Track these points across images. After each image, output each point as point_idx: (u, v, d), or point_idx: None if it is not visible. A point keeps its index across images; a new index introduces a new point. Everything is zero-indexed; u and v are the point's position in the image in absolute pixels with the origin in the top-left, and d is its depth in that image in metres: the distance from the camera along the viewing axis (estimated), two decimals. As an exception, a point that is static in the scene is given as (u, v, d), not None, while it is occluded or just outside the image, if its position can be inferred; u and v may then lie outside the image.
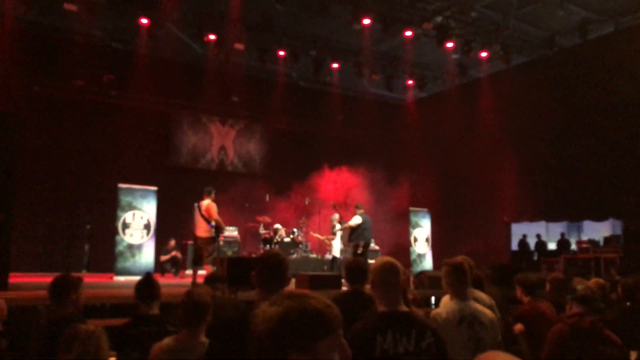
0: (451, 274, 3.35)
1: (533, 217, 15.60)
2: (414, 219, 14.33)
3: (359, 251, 10.43)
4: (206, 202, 8.89)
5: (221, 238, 12.78)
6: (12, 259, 8.10)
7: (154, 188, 11.27)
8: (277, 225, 13.56)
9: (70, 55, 12.91)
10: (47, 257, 13.03)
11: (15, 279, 8.55)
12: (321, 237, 12.94)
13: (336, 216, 12.13)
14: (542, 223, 17.11)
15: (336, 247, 11.80)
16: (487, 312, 3.38)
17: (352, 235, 10.71)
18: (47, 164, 13.55)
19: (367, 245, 10.77)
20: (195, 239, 8.89)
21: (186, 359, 2.81)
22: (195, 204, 8.99)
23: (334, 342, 1.24)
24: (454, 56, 14.98)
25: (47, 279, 4.03)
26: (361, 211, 10.85)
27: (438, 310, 3.30)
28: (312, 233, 13.54)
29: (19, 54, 12.36)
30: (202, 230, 8.79)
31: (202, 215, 8.78)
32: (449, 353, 2.65)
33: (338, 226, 11.76)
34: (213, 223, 8.74)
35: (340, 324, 1.27)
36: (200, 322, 2.92)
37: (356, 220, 10.65)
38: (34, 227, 13.15)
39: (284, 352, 1.20)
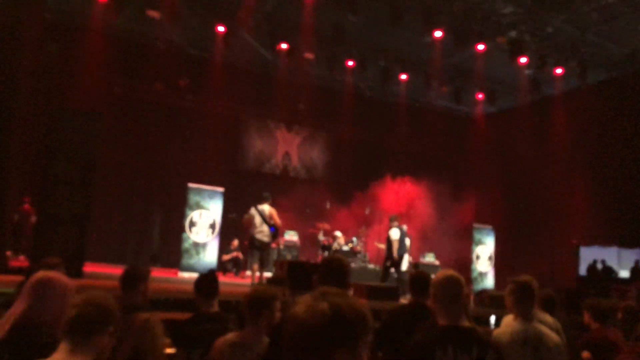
0: (517, 292, 3.28)
1: (605, 242, 14.85)
2: (477, 235, 14.00)
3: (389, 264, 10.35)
4: (267, 208, 9.08)
5: (282, 242, 13.05)
6: (88, 249, 8.60)
7: (221, 189, 11.61)
8: (337, 233, 13.63)
9: (150, 59, 13.60)
10: (120, 250, 13.72)
11: (89, 268, 9.07)
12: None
13: (404, 228, 12.05)
14: (614, 249, 16.25)
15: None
16: (553, 335, 3.29)
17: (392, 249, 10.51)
18: (124, 162, 14.28)
19: (401, 258, 10.56)
20: (257, 242, 9.00)
21: (248, 356, 2.83)
22: (253, 209, 9.11)
23: (368, 341, 1.25)
24: (527, 71, 14.58)
25: (118, 270, 4.25)
26: (396, 223, 10.60)
27: (502, 329, 3.23)
28: (376, 243, 13.49)
29: (103, 58, 13.16)
30: (264, 234, 8.99)
31: (264, 220, 8.95)
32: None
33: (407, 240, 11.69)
34: (275, 228, 8.96)
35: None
36: (264, 320, 2.92)
37: (395, 234, 10.39)
38: (110, 221, 13.88)
39: (331, 349, 1.19)
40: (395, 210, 14.41)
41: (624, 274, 15.60)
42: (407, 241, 11.36)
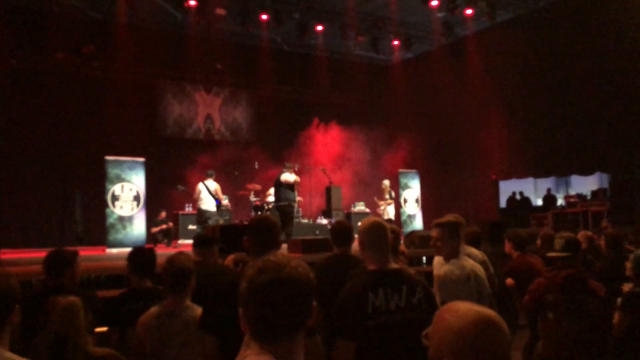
0: (448, 233, 3.36)
1: (521, 174, 15.73)
2: (403, 180, 14.39)
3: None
4: (213, 184, 10.61)
5: (222, 204, 12.94)
6: (4, 236, 8.09)
7: (142, 159, 11.18)
8: (271, 191, 13.65)
9: (48, 27, 12.62)
10: (39, 233, 13.00)
11: (7, 255, 8.55)
12: (380, 203, 13.19)
13: (387, 182, 13.10)
14: (531, 180, 17.26)
15: (390, 212, 12.89)
16: (478, 265, 3.45)
17: None
18: (32, 140, 13.35)
19: None
20: (205, 212, 10.53)
21: (175, 323, 2.85)
22: (201, 184, 10.61)
23: None
24: (439, 14, 14.80)
25: (40, 254, 4.00)
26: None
27: (448, 268, 3.30)
28: (376, 199, 13.57)
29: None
30: (209, 204, 10.54)
31: (211, 194, 10.52)
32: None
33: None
34: (219, 201, 10.62)
35: None
36: (186, 287, 2.94)
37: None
38: (24, 204, 13.07)
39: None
40: (323, 163, 14.51)
41: (540, 202, 16.66)
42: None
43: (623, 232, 5.78)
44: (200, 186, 10.64)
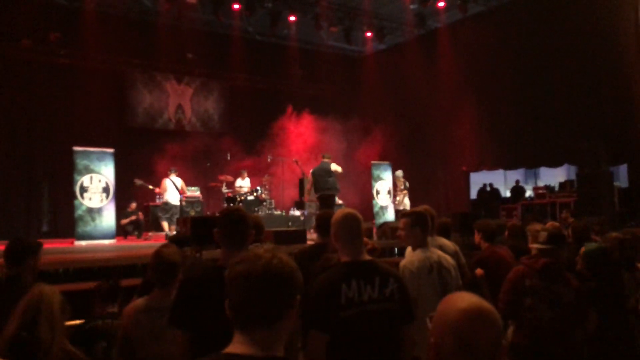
0: (414, 224, 3.40)
1: (491, 166, 15.96)
2: (375, 172, 14.46)
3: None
4: (179, 180, 11.56)
5: (183, 198, 12.77)
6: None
7: (111, 150, 10.99)
8: (240, 182, 13.58)
9: (13, 13, 12.21)
10: (4, 225, 12.64)
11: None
12: (397, 194, 13.71)
13: (400, 172, 13.68)
14: (501, 172, 17.54)
15: (407, 202, 13.51)
16: (448, 257, 3.49)
17: None
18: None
19: None
20: (171, 205, 11.50)
21: (161, 318, 2.78)
22: (167, 180, 11.49)
23: None
24: (412, 6, 14.85)
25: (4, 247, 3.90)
26: None
27: (408, 259, 3.35)
28: (391, 190, 14.07)
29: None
30: (174, 198, 11.50)
31: (176, 188, 11.36)
32: (423, 300, 2.69)
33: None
34: (182, 195, 11.55)
35: None
36: (173, 281, 2.90)
37: None
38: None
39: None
40: (296, 154, 14.47)
41: (510, 194, 16.94)
42: None
43: (589, 223, 5.92)
44: (167, 182, 11.49)
